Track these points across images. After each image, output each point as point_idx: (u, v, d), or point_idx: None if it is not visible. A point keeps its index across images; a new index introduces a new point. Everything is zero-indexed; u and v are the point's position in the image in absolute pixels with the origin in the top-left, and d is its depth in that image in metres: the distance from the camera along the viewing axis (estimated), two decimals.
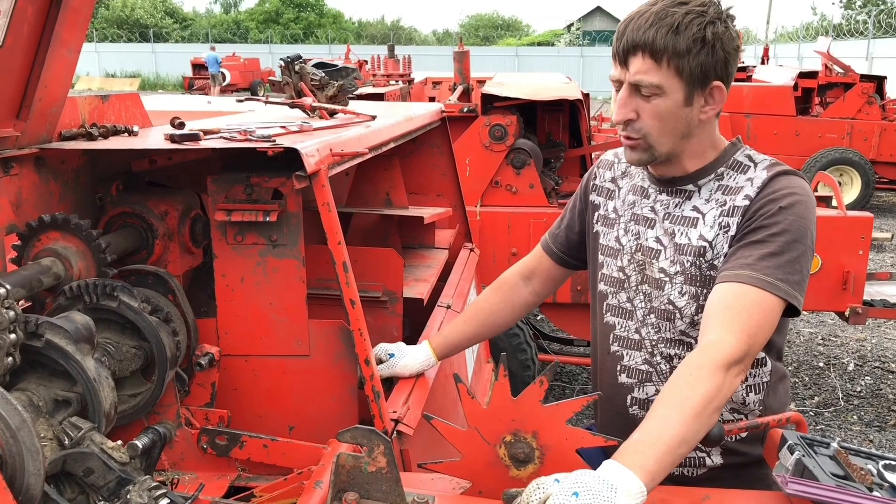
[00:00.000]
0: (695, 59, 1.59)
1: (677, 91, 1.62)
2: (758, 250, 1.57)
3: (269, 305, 1.91)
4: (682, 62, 1.59)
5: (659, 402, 1.41)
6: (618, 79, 1.67)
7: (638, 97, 1.64)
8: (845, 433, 4.76)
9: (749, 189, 1.66)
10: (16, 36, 1.60)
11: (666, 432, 1.34)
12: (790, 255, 1.56)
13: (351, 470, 1.42)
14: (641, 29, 1.59)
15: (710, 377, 1.41)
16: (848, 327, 6.52)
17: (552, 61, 36.63)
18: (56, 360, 1.42)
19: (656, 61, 1.59)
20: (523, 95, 4.82)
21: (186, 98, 4.29)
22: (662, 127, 1.65)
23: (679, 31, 1.57)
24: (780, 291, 1.52)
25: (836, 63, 11.26)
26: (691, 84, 1.61)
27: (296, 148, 1.70)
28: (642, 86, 1.62)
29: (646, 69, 1.60)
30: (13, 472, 1.24)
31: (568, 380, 5.47)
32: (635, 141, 1.69)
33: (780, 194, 1.62)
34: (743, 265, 1.56)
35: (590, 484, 1.23)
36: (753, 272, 1.53)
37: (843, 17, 32.26)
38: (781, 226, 1.58)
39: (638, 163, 1.74)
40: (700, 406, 1.38)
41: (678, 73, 1.60)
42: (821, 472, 1.41)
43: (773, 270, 1.53)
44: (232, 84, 26.99)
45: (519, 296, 2.11)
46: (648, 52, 1.59)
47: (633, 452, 1.31)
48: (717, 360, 1.43)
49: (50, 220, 1.70)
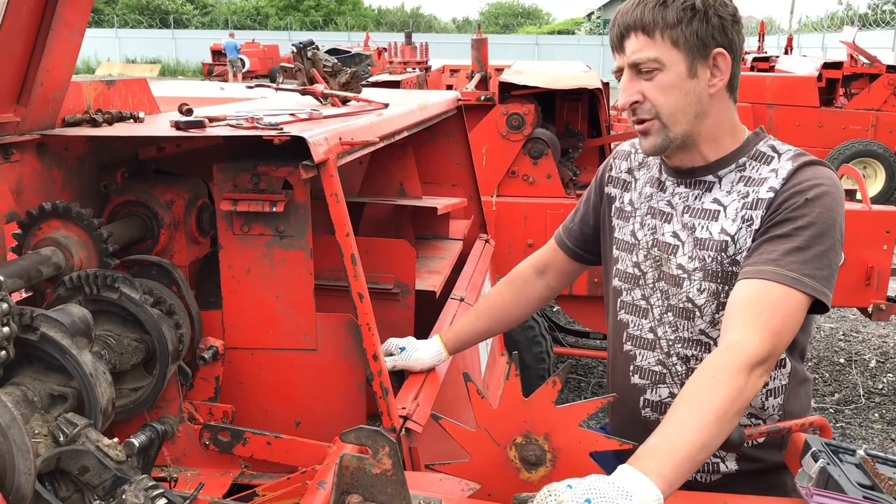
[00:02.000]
0: (688, 27, 1.56)
1: (678, 62, 1.58)
2: (783, 245, 1.50)
3: (275, 298, 1.86)
4: (675, 32, 1.57)
5: (678, 405, 1.35)
6: (619, 67, 1.65)
7: (640, 78, 1.61)
8: (866, 431, 4.67)
9: (774, 181, 1.59)
10: (15, 17, 1.55)
11: (685, 437, 1.28)
12: (817, 249, 1.49)
13: (355, 471, 1.37)
14: (629, 12, 1.60)
15: (732, 379, 1.35)
16: (870, 323, 6.41)
17: (572, 50, 36.41)
18: (52, 354, 1.37)
19: (649, 36, 1.58)
20: (541, 84, 4.74)
21: (199, 84, 4.25)
22: (671, 102, 1.60)
23: (667, 4, 1.57)
24: (807, 288, 1.46)
25: (861, 53, 11.05)
26: (690, 54, 1.58)
27: (303, 136, 1.64)
28: (640, 63, 1.59)
29: (640, 46, 1.59)
30: (3, 470, 1.20)
31: (584, 373, 5.41)
32: (648, 123, 1.63)
33: (807, 185, 1.55)
34: (767, 260, 1.49)
35: (603, 490, 1.18)
36: (778, 268, 1.47)
37: (870, 7, 31.82)
38: (808, 218, 1.51)
39: (654, 150, 1.67)
40: (721, 410, 1.32)
41: (674, 43, 1.57)
42: (846, 483, 1.35)
43: (799, 266, 1.47)
44: (251, 71, 26.96)
45: (532, 290, 2.05)
46: (640, 30, 1.58)
47: (650, 458, 1.26)
48: (739, 361, 1.37)
49: (51, 208, 1.66)
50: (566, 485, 1.21)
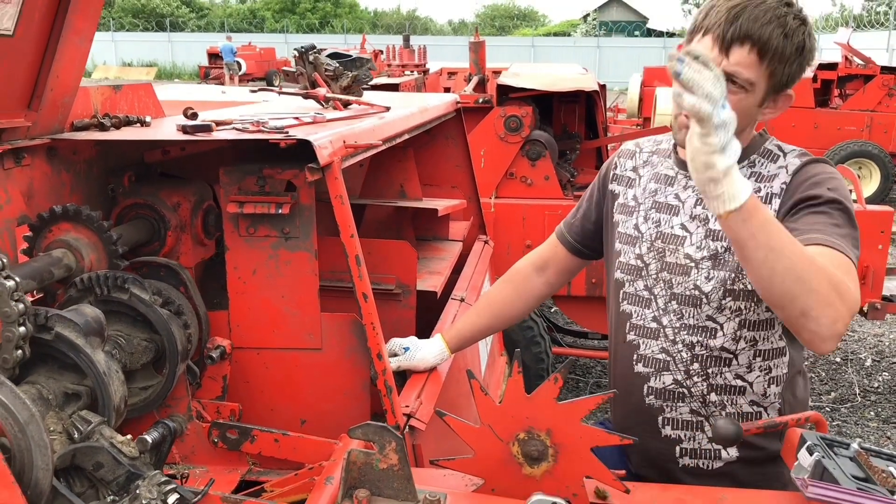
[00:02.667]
0: (789, 66, 1.58)
1: (760, 92, 1.60)
2: (821, 219, 1.54)
3: (281, 298, 1.89)
4: (779, 68, 1.57)
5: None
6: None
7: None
8: (862, 429, 4.71)
9: (784, 176, 1.66)
10: (27, 24, 1.58)
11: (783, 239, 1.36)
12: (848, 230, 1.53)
13: (362, 467, 1.41)
14: (759, 21, 1.54)
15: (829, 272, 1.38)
16: (866, 322, 6.45)
17: (568, 52, 36.46)
18: (66, 353, 1.41)
19: (760, 59, 1.56)
20: (539, 86, 4.78)
21: (201, 88, 4.28)
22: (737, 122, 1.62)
23: (788, 35, 1.55)
24: (854, 256, 1.49)
25: (856, 54, 11.11)
26: (774, 89, 1.61)
27: (308, 140, 1.68)
28: (737, 78, 1.57)
29: (748, 63, 1.56)
30: (21, 466, 1.23)
31: (582, 373, 5.44)
32: None
33: (821, 178, 1.61)
34: (815, 230, 1.52)
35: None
36: (827, 236, 1.50)
37: (864, 9, 31.93)
38: (837, 205, 1.56)
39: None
40: (817, 264, 1.37)
41: (771, 76, 1.58)
42: (841, 475, 1.38)
43: (841, 239, 1.50)
44: (248, 73, 26.96)
45: (532, 287, 2.09)
46: (758, 48, 1.55)
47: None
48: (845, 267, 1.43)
49: (62, 211, 1.69)
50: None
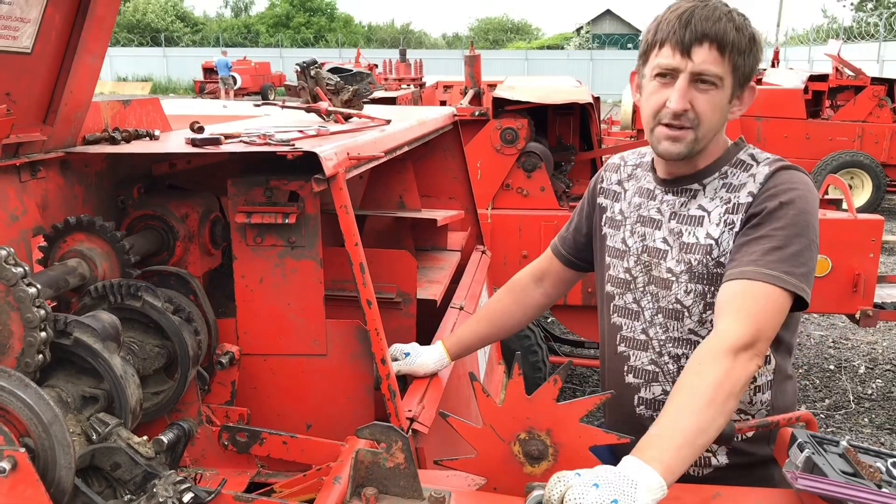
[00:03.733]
0: (747, 58, 1.64)
1: (728, 87, 1.66)
2: (761, 245, 1.60)
3: (287, 306, 1.95)
4: (739, 60, 1.63)
5: (672, 396, 1.45)
6: (674, 67, 1.64)
7: (693, 88, 1.65)
8: (856, 436, 4.76)
9: (752, 185, 1.69)
10: (44, 43, 1.65)
11: (681, 424, 1.37)
12: (794, 247, 1.58)
13: (369, 465, 1.46)
14: (710, 20, 1.61)
15: (717, 363, 1.44)
16: (859, 330, 6.51)
17: (562, 65, 36.67)
18: (84, 357, 1.46)
19: (721, 54, 1.62)
20: (534, 99, 4.85)
21: (203, 102, 4.34)
22: (713, 119, 1.68)
23: (739, 29, 1.63)
24: (787, 284, 1.55)
25: (846, 66, 11.24)
26: (738, 82, 1.67)
27: (314, 152, 1.74)
28: (706, 75, 1.63)
29: (712, 59, 1.62)
30: (45, 465, 1.28)
31: (578, 382, 5.50)
32: (685, 131, 1.68)
33: (781, 189, 1.65)
34: (748, 261, 1.58)
35: (610, 478, 1.27)
36: (758, 267, 1.56)
37: (854, 20, 32.16)
38: (784, 220, 1.61)
39: (678, 156, 1.72)
40: (710, 393, 1.40)
41: (734, 69, 1.64)
42: (830, 470, 1.43)
43: (777, 264, 1.56)
44: (243, 88, 27.07)
45: (531, 297, 2.14)
46: (717, 44, 1.61)
47: (651, 447, 1.34)
48: (722, 345, 1.46)
49: (76, 222, 1.75)
50: (575, 473, 1.30)
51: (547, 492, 1.29)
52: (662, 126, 1.70)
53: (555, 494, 1.27)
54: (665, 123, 1.69)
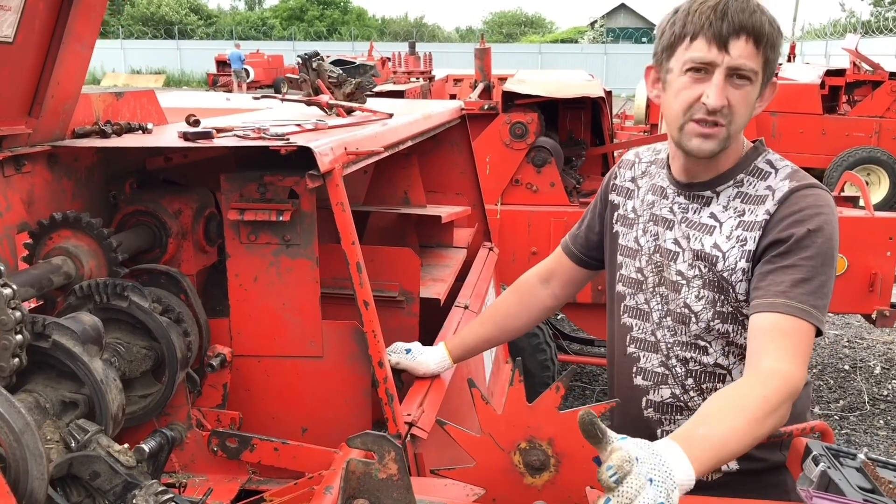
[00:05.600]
0: (777, 52, 1.58)
1: (759, 82, 1.58)
2: (790, 275, 1.54)
3: (282, 306, 1.89)
4: (771, 54, 1.56)
5: (730, 410, 1.39)
6: (710, 60, 1.55)
7: (728, 84, 1.56)
8: (871, 438, 4.67)
9: (769, 203, 1.61)
10: (27, 32, 1.58)
11: (730, 445, 1.34)
12: (820, 279, 1.54)
13: (361, 476, 1.39)
14: (746, 12, 1.53)
15: (780, 407, 1.41)
16: (874, 330, 6.40)
17: (575, 58, 36.46)
18: (63, 361, 1.40)
19: (756, 47, 1.54)
20: (545, 93, 4.77)
21: (205, 95, 4.29)
22: (744, 115, 1.59)
23: (772, 22, 1.55)
24: (813, 319, 1.51)
25: (864, 60, 11.08)
26: (766, 76, 1.59)
27: (309, 146, 1.67)
28: (743, 70, 1.54)
29: (748, 54, 1.54)
30: (17, 475, 1.22)
31: (588, 380, 5.42)
32: (719, 128, 1.59)
33: (808, 214, 1.57)
34: (778, 293, 1.53)
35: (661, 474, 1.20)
36: (788, 300, 1.52)
37: (873, 14, 31.88)
38: (812, 250, 1.55)
39: (710, 153, 1.63)
40: (762, 435, 1.39)
41: (765, 63, 1.57)
42: (847, 486, 1.37)
43: (806, 297, 1.52)
44: (256, 81, 27.09)
45: (536, 298, 2.07)
46: (753, 38, 1.53)
47: (699, 448, 1.30)
48: (790, 392, 1.44)
49: (62, 218, 1.69)
50: (634, 456, 1.20)
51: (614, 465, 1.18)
52: (694, 123, 1.60)
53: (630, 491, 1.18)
54: (697, 119, 1.59)
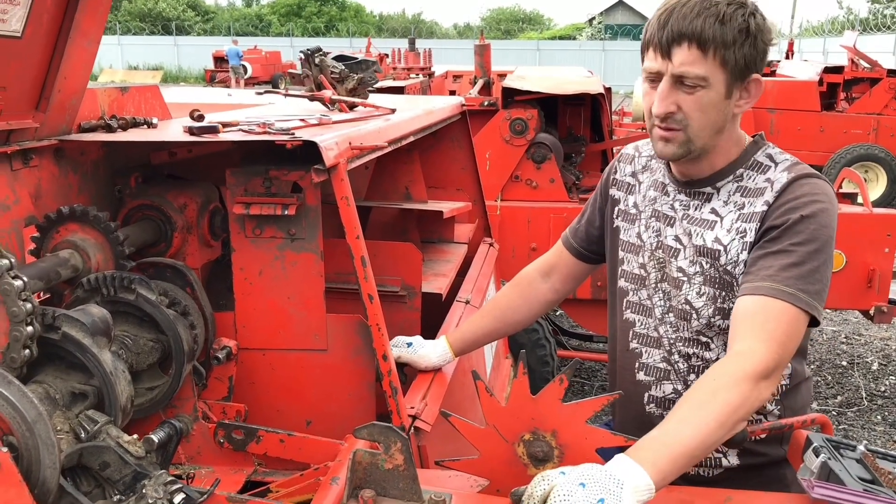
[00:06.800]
0: (739, 50, 1.55)
1: (720, 83, 1.58)
2: (779, 260, 1.54)
3: (287, 299, 1.90)
4: (727, 53, 1.55)
5: (682, 404, 1.39)
6: (657, 70, 1.60)
7: (680, 89, 1.58)
8: (868, 433, 4.69)
9: (769, 194, 1.62)
10: (35, 26, 1.59)
11: (685, 434, 1.32)
12: (812, 264, 1.53)
13: (367, 467, 1.41)
14: (687, 18, 1.54)
15: (737, 386, 1.39)
16: (872, 326, 6.42)
17: (574, 55, 36.42)
18: (73, 352, 1.41)
19: (702, 52, 1.54)
20: (544, 89, 4.78)
21: (207, 90, 4.30)
22: (704, 120, 1.60)
23: (724, 21, 1.53)
24: (801, 303, 1.50)
25: (862, 58, 11.08)
26: (734, 76, 1.58)
27: (314, 141, 1.68)
28: (687, 77, 1.56)
29: (692, 60, 1.55)
30: (29, 465, 1.23)
31: (587, 376, 5.44)
32: (674, 133, 1.62)
33: (803, 202, 1.58)
34: (764, 276, 1.53)
35: (596, 477, 1.22)
36: (775, 283, 1.51)
37: (870, 12, 31.88)
38: (804, 235, 1.55)
39: (672, 157, 1.67)
40: (724, 415, 1.36)
41: (723, 64, 1.56)
42: (847, 476, 1.38)
43: (794, 281, 1.51)
44: (253, 77, 27.01)
45: (537, 292, 2.09)
46: (696, 43, 1.54)
47: (648, 449, 1.30)
48: (747, 370, 1.41)
49: (69, 211, 1.70)
50: (559, 472, 1.24)
51: (529, 489, 1.24)
52: (657, 127, 1.65)
53: (537, 492, 1.22)
54: (657, 124, 1.64)
